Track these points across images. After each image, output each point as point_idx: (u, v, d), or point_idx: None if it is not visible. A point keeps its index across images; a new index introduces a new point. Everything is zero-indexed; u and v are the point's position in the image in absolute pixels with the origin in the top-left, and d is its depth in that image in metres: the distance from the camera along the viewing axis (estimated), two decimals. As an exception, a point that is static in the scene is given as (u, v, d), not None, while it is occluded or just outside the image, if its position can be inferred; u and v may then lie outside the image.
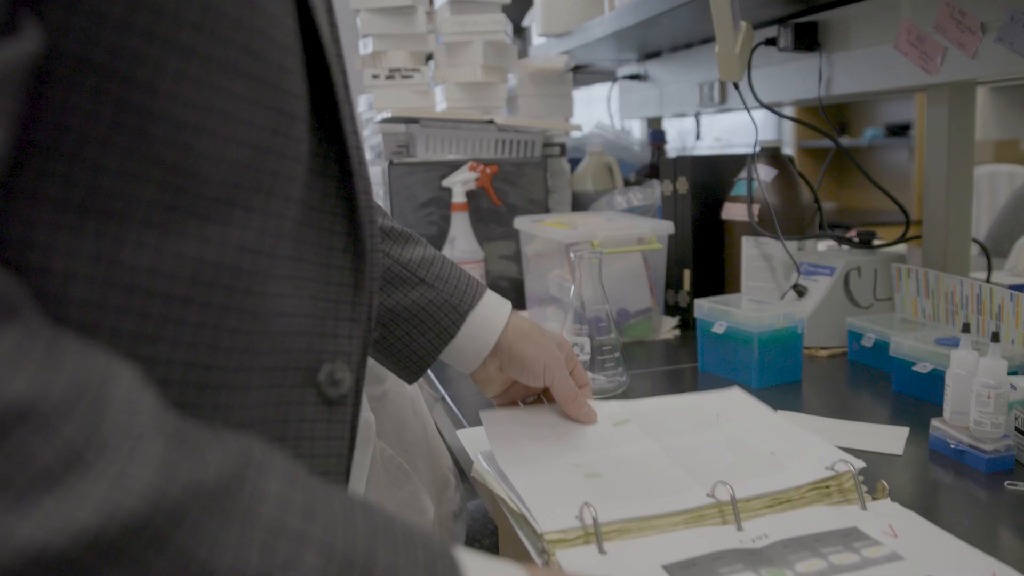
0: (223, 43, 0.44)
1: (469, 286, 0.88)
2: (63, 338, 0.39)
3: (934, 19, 1.23)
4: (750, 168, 1.40)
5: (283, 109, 0.48)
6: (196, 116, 0.43)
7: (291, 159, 0.50)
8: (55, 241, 0.41)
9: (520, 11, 2.29)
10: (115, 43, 0.40)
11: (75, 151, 0.40)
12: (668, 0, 1.42)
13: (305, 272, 0.53)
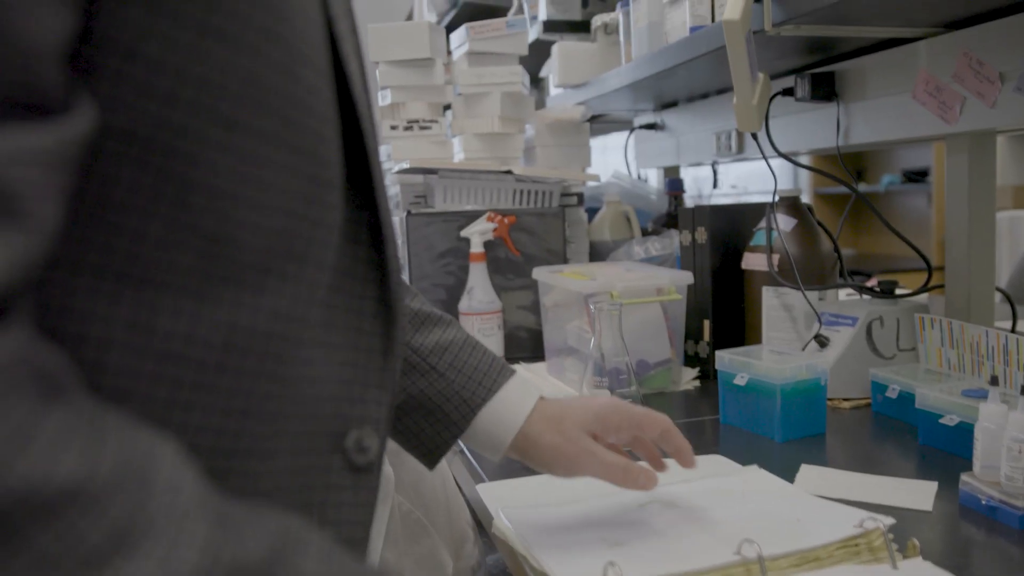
0: (264, 113, 0.44)
1: (487, 376, 0.81)
2: (107, 414, 0.39)
3: (952, 69, 1.23)
4: (769, 218, 1.40)
5: (319, 177, 0.49)
6: (235, 185, 0.43)
7: (325, 226, 0.50)
8: (93, 309, 0.41)
9: (537, 62, 2.31)
10: (160, 115, 0.41)
11: (116, 220, 0.41)
12: (684, 52, 1.43)
13: (336, 338, 0.53)
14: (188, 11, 0.41)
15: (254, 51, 0.43)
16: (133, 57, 0.40)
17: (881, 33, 1.28)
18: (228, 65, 0.42)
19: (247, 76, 0.43)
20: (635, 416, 0.82)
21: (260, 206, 0.45)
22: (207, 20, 0.41)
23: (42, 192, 0.36)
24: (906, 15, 1.18)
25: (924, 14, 1.18)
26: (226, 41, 0.42)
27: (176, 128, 0.41)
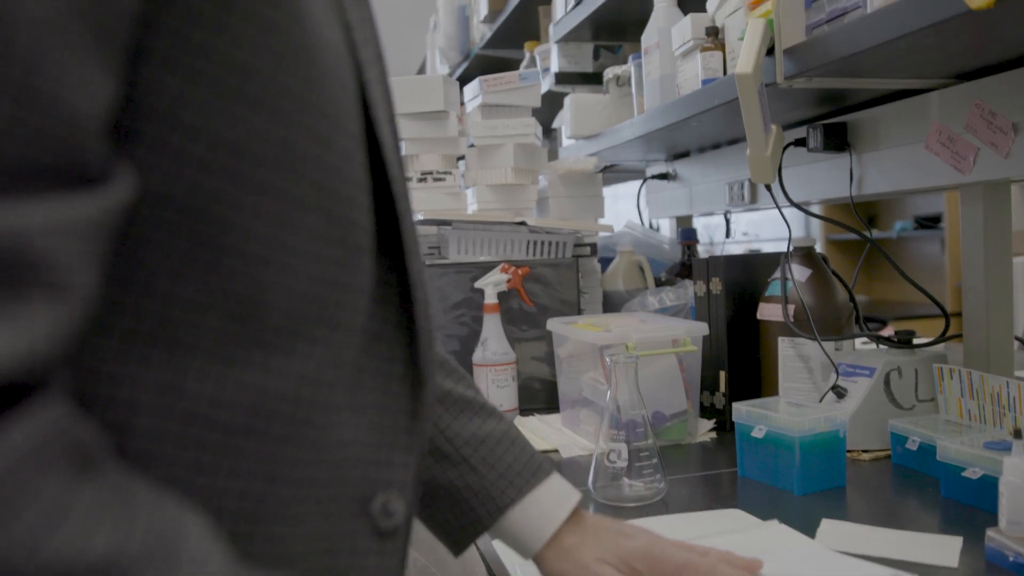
0: (297, 180, 0.44)
1: (520, 476, 0.75)
2: (137, 487, 0.39)
3: (964, 119, 1.23)
4: (784, 268, 1.40)
5: (350, 241, 0.49)
6: (267, 250, 0.44)
7: (355, 290, 0.50)
8: (122, 371, 0.41)
9: (550, 113, 2.33)
10: (195, 181, 0.41)
11: (148, 283, 0.41)
12: (697, 104, 1.44)
13: (364, 401, 0.52)
14: (225, 80, 0.41)
15: (288, 119, 0.44)
16: (170, 124, 0.40)
17: (892, 85, 1.29)
18: (263, 132, 0.43)
19: (281, 143, 0.43)
20: (671, 567, 0.73)
21: (291, 270, 0.45)
22: (243, 88, 0.42)
23: (82, 262, 0.36)
24: (917, 67, 1.19)
25: (935, 66, 1.19)
26: (261, 109, 0.43)
27: (210, 193, 0.41)
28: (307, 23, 0.44)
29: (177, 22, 0.39)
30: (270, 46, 0.42)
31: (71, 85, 0.35)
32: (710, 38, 1.42)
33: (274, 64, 0.43)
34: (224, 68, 0.41)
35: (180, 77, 0.40)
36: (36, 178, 0.35)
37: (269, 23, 0.42)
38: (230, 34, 0.41)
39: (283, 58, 0.43)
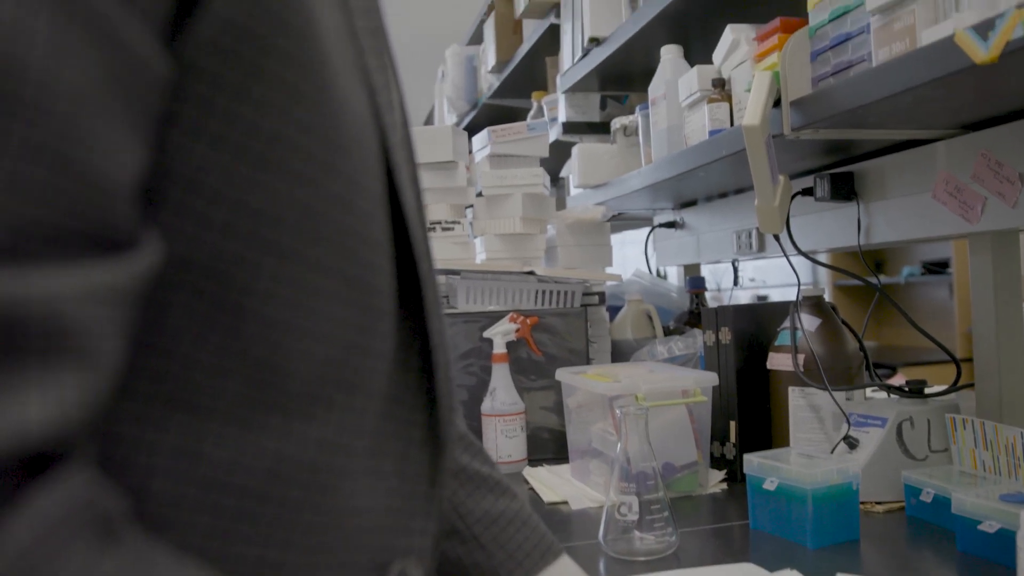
0: (319, 244, 0.44)
1: (528, 558, 0.75)
2: (157, 555, 0.38)
3: (971, 169, 1.24)
4: (793, 318, 1.39)
5: (371, 306, 0.48)
6: (287, 314, 0.43)
7: (376, 355, 0.49)
8: (141, 435, 0.41)
9: (558, 161, 2.35)
10: (217, 245, 0.41)
11: (169, 347, 0.41)
12: (704, 155, 1.45)
13: (382, 467, 0.52)
14: (250, 146, 0.41)
15: (312, 184, 0.44)
16: (195, 188, 0.40)
17: (899, 135, 1.30)
18: (286, 198, 0.43)
19: (304, 208, 0.43)
20: None
21: (311, 335, 0.45)
22: (268, 155, 0.42)
23: (111, 329, 0.36)
24: (923, 118, 1.20)
25: (941, 117, 1.20)
26: (285, 175, 0.43)
27: (232, 257, 0.41)
28: (333, 90, 0.44)
29: (204, 89, 0.40)
30: (296, 113, 0.43)
31: (105, 153, 0.36)
32: (717, 90, 1.44)
33: (299, 131, 0.43)
34: (249, 135, 0.41)
35: (205, 143, 0.40)
36: (68, 244, 0.35)
37: (295, 91, 0.42)
38: (256, 101, 0.41)
39: (308, 125, 0.43)
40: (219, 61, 0.40)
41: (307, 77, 0.43)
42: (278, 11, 0.41)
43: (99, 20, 0.35)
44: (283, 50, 0.42)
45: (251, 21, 0.40)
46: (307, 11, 0.42)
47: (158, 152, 0.39)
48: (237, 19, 0.40)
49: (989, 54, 0.85)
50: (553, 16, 2.27)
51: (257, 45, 0.41)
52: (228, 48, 0.40)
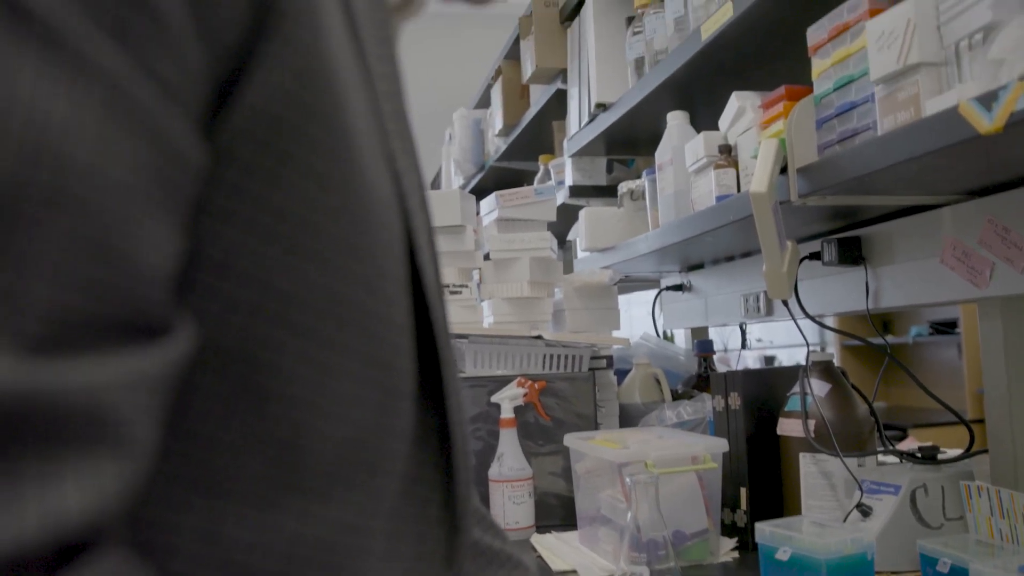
0: (343, 326, 0.45)
1: None
2: None
3: (978, 235, 1.24)
4: (803, 383, 1.38)
5: (393, 387, 0.48)
6: (311, 395, 0.44)
7: (396, 435, 0.49)
8: (163, 517, 0.40)
9: (565, 224, 2.36)
10: (244, 327, 0.41)
11: (192, 428, 0.41)
12: (711, 220, 1.46)
13: (400, 548, 0.51)
14: (280, 231, 0.42)
15: (339, 268, 0.44)
16: (224, 272, 0.41)
17: (905, 201, 1.31)
18: (313, 281, 0.43)
19: (330, 291, 0.44)
20: None
21: (333, 416, 0.45)
22: (297, 239, 0.42)
23: (147, 417, 0.36)
24: (929, 185, 1.20)
25: (947, 184, 1.20)
26: (313, 259, 0.43)
27: (258, 339, 0.42)
28: (360, 176, 0.45)
29: (236, 176, 0.40)
30: (324, 199, 0.43)
31: (145, 243, 0.36)
32: (723, 156, 1.45)
33: (327, 216, 0.43)
34: (279, 220, 0.42)
35: (236, 228, 0.41)
36: (108, 333, 0.35)
37: (325, 177, 0.43)
38: (287, 188, 0.42)
39: (336, 210, 0.44)
40: (252, 149, 0.40)
41: (336, 164, 0.43)
42: (310, 101, 0.42)
43: (144, 115, 0.35)
44: (314, 138, 0.42)
45: (284, 111, 0.41)
46: (337, 100, 0.43)
47: (191, 237, 0.40)
48: (271, 109, 0.40)
49: (993, 124, 0.86)
50: (560, 82, 2.30)
51: (289, 134, 0.41)
52: (261, 136, 0.40)
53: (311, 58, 0.41)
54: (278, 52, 0.40)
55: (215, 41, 0.38)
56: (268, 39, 0.39)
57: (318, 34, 0.41)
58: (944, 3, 0.95)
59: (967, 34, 0.93)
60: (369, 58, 0.46)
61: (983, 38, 0.92)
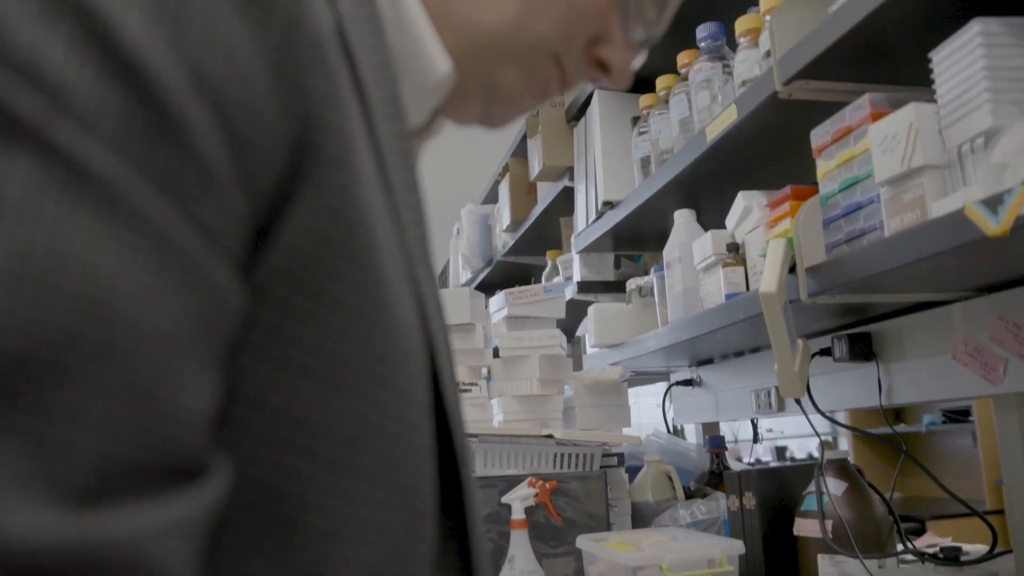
0: (370, 455, 0.45)
1: None
2: None
3: (989, 331, 1.24)
4: (818, 481, 1.37)
5: (416, 511, 0.48)
6: (336, 524, 0.44)
7: (417, 558, 0.49)
8: None
9: (573, 319, 2.36)
10: (275, 461, 0.41)
11: (222, 559, 0.41)
12: (721, 318, 1.46)
13: None
14: (312, 366, 0.42)
15: (367, 398, 0.44)
16: (256, 408, 0.41)
17: (914, 298, 1.31)
18: (343, 413, 0.43)
19: (359, 422, 0.44)
20: None
21: (358, 543, 0.45)
22: (328, 373, 0.43)
23: (188, 561, 0.36)
24: (937, 283, 1.21)
25: (956, 281, 1.21)
26: (343, 391, 0.43)
27: (288, 472, 0.42)
28: (389, 307, 0.46)
29: (271, 313, 0.41)
30: (355, 333, 0.44)
31: (188, 390, 0.36)
32: (731, 254, 1.46)
33: (358, 349, 0.44)
34: (312, 355, 0.42)
35: (269, 364, 0.41)
36: (148, 480, 0.35)
37: (356, 311, 0.44)
38: (320, 323, 0.42)
39: (366, 342, 0.44)
40: (287, 287, 0.41)
41: (367, 298, 0.44)
42: (344, 240, 0.42)
43: (190, 265, 0.36)
44: (347, 276, 0.43)
45: (319, 250, 0.41)
46: (369, 238, 0.44)
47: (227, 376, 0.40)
48: (306, 248, 0.41)
49: (1000, 227, 0.86)
50: (567, 179, 2.34)
51: (323, 272, 0.42)
52: (296, 275, 0.41)
53: (345, 200, 0.42)
54: (314, 195, 0.41)
55: (255, 186, 0.39)
56: (305, 182, 0.40)
57: (351, 176, 0.42)
58: (944, 108, 0.97)
59: (968, 138, 0.95)
60: (395, 189, 0.48)
61: (984, 143, 0.93)
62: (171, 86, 0.35)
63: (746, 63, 1.39)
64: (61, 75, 0.33)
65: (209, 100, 0.36)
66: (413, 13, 0.56)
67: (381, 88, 0.48)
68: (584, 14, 0.61)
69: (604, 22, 0.63)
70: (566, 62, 0.63)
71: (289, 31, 0.39)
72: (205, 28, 0.36)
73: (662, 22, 0.68)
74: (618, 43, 0.64)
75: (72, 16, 0.33)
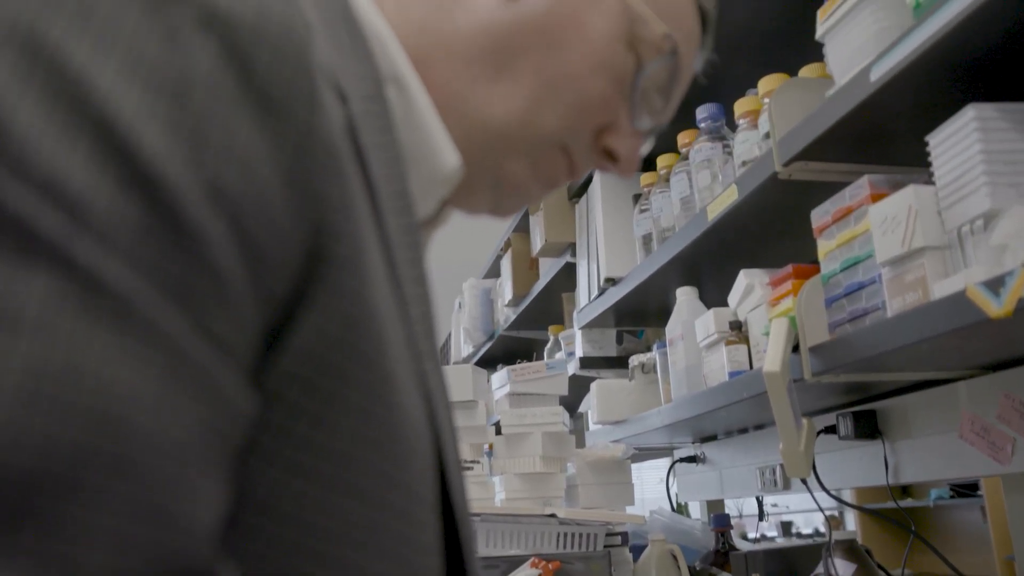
0: (378, 556, 0.44)
1: None
2: None
3: (995, 409, 1.23)
4: (827, 563, 1.34)
5: None
6: None
7: None
8: None
9: (576, 395, 2.35)
10: (282, 563, 0.41)
11: None
12: (725, 396, 1.45)
13: None
14: (322, 469, 0.42)
15: (376, 500, 0.44)
16: (266, 512, 0.41)
17: (919, 377, 1.30)
18: (351, 515, 0.43)
19: (367, 524, 0.44)
20: None
21: None
22: (338, 476, 0.42)
23: None
24: (942, 362, 1.21)
25: (960, 360, 1.21)
26: (353, 494, 0.43)
27: (295, 574, 0.41)
28: (398, 407, 0.45)
29: (282, 417, 0.41)
30: (365, 434, 0.44)
31: (199, 502, 0.36)
32: (734, 332, 1.46)
33: (367, 450, 0.44)
34: (322, 458, 0.42)
35: (279, 468, 0.41)
36: None
37: (366, 413, 0.43)
38: (330, 427, 0.42)
39: (376, 443, 0.44)
40: (298, 391, 0.41)
41: (377, 399, 0.44)
42: (354, 343, 0.42)
43: (203, 376, 0.36)
44: (357, 377, 0.43)
45: (330, 353, 0.41)
46: (379, 340, 0.44)
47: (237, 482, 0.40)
48: (317, 352, 0.41)
49: (1003, 309, 0.87)
50: (569, 255, 2.35)
51: (334, 375, 0.42)
52: (307, 378, 0.41)
53: (356, 303, 0.42)
54: (326, 299, 0.41)
55: (268, 294, 0.39)
56: (317, 286, 0.40)
57: (362, 279, 0.42)
58: (943, 191, 0.98)
59: (968, 220, 0.95)
60: (403, 283, 0.48)
61: (984, 224, 0.94)
62: (188, 199, 0.35)
63: (746, 144, 1.41)
64: (80, 190, 0.33)
65: (226, 212, 0.36)
66: (423, 108, 0.57)
67: (390, 183, 0.48)
68: (591, 105, 0.62)
69: (611, 112, 0.63)
70: (574, 152, 0.64)
71: (303, 139, 0.39)
72: (222, 141, 0.37)
73: (668, 111, 0.69)
74: (625, 132, 0.65)
75: (92, 131, 0.34)
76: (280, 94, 0.38)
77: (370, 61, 0.52)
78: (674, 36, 0.63)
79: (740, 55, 1.48)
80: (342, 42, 0.51)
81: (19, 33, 0.34)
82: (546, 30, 0.60)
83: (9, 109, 0.33)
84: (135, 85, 0.35)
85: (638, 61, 0.63)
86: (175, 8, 0.37)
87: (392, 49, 0.56)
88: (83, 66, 0.34)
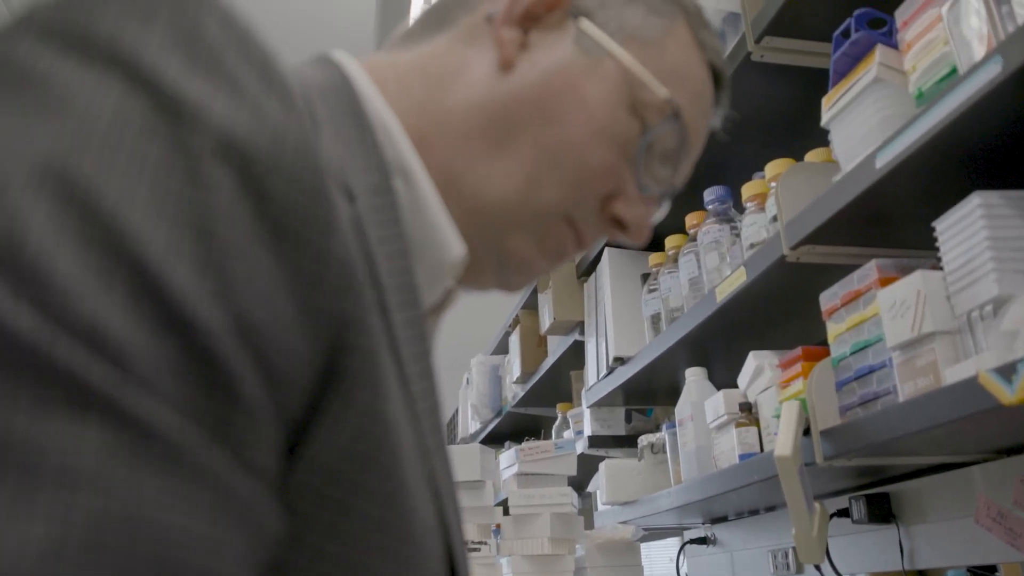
0: None
1: None
2: None
3: (1011, 494, 1.21)
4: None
5: None
6: None
7: None
8: None
9: (584, 474, 2.32)
10: None
11: None
12: (736, 479, 1.44)
13: None
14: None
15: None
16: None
17: (933, 460, 1.29)
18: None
19: None
20: None
21: None
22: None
23: None
24: (955, 446, 1.19)
25: (974, 445, 1.19)
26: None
27: None
28: (412, 513, 0.45)
29: (296, 528, 0.41)
30: (379, 542, 0.44)
31: None
32: (744, 414, 1.45)
33: (380, 557, 0.44)
34: (336, 568, 0.42)
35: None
36: None
37: (379, 522, 0.43)
38: (344, 536, 0.42)
39: (388, 550, 0.44)
40: (312, 502, 0.41)
41: (390, 507, 0.44)
42: (367, 454, 0.43)
43: (244, 508, 0.36)
44: (371, 488, 0.43)
45: (344, 464, 0.42)
46: (392, 449, 0.44)
47: None
48: (331, 464, 0.41)
49: (1015, 396, 0.86)
50: (577, 333, 2.35)
51: (347, 486, 0.42)
52: (321, 490, 0.41)
53: (369, 415, 0.42)
54: (340, 413, 0.41)
55: (288, 414, 0.39)
56: (331, 400, 0.41)
57: (376, 391, 0.43)
58: (951, 276, 0.99)
59: (977, 305, 0.96)
60: (411, 380, 0.48)
61: (993, 310, 0.94)
62: (219, 337, 0.35)
63: (753, 227, 1.43)
64: (121, 337, 0.33)
65: (251, 345, 0.37)
66: (428, 198, 0.57)
67: (396, 276, 0.49)
68: (594, 175, 0.61)
69: (616, 180, 0.62)
70: (580, 222, 0.63)
71: (318, 266, 0.40)
72: (246, 274, 0.37)
73: (680, 174, 0.68)
74: (633, 199, 0.63)
75: (127, 274, 0.34)
76: (296, 223, 0.39)
77: (377, 152, 0.52)
78: (677, 99, 0.62)
79: (747, 139, 1.50)
80: (350, 135, 0.52)
81: (52, 174, 0.34)
82: (542, 102, 0.59)
83: (50, 258, 0.33)
84: (163, 222, 0.35)
85: (643, 126, 0.62)
86: (195, 139, 0.37)
87: (397, 137, 0.56)
88: (115, 204, 0.35)
